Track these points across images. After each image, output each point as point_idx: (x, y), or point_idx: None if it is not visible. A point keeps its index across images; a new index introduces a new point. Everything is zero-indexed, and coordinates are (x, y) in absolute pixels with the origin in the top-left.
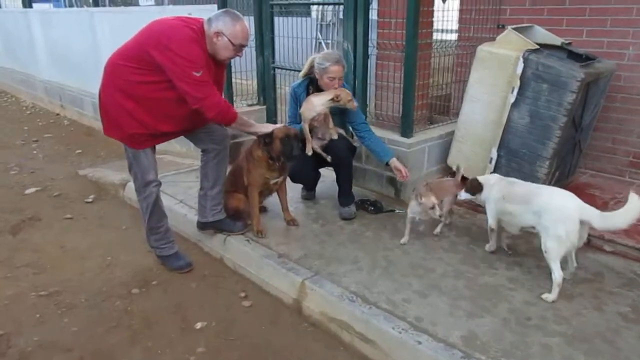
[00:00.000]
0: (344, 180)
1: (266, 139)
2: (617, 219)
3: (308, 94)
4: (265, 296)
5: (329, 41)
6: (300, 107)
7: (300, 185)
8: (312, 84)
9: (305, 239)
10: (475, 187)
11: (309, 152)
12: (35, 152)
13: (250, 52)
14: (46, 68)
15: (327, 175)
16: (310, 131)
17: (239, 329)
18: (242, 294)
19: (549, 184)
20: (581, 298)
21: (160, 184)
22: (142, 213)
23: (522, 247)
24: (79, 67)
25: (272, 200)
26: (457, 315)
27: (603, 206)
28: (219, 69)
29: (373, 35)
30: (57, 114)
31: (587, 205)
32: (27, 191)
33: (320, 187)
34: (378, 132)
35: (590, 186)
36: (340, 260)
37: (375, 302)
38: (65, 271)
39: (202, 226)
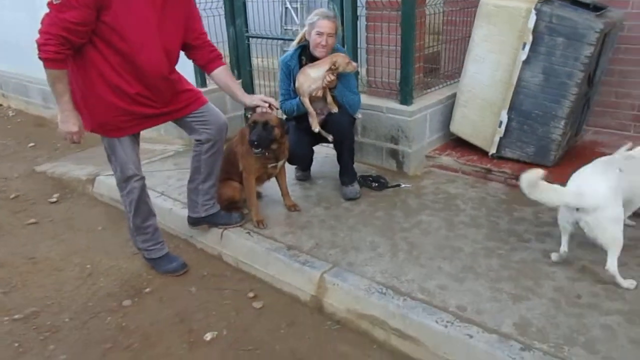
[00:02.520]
0: (347, 157)
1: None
2: None
3: (301, 65)
4: (278, 295)
5: (297, 5)
6: (294, 81)
7: (293, 167)
8: (304, 53)
9: (312, 226)
10: None
11: (316, 129)
12: None
13: (216, 20)
14: None
15: (319, 151)
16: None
17: (255, 336)
18: (251, 294)
19: (563, 145)
20: (626, 268)
21: (143, 178)
22: (125, 211)
23: (545, 216)
24: (20, 50)
25: (267, 185)
26: (502, 299)
27: None
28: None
29: None
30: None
31: None
32: None
33: (313, 165)
34: (373, 100)
35: (597, 144)
36: (356, 247)
37: (408, 293)
38: (39, 287)
39: (194, 222)
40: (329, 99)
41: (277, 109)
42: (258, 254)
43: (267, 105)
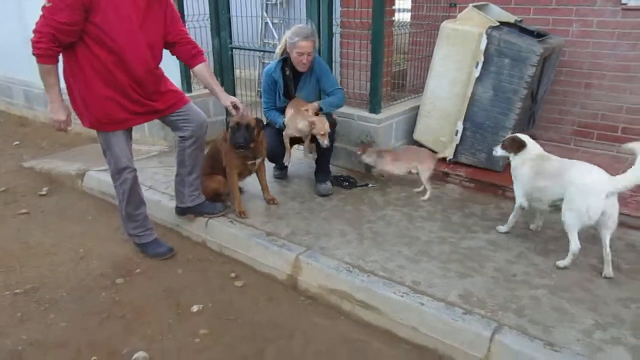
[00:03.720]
0: (326, 159)
1: (247, 131)
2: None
3: (284, 76)
4: (257, 275)
5: (276, 21)
6: (278, 92)
7: (272, 165)
8: (286, 65)
9: (289, 217)
10: (517, 146)
11: (287, 163)
12: None
13: (201, 32)
14: None
15: (295, 155)
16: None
17: (237, 309)
18: (233, 275)
19: None
20: (555, 254)
21: (135, 170)
22: (118, 200)
23: (492, 212)
24: (4, 52)
25: (247, 181)
26: (450, 276)
27: None
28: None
29: (336, 14)
30: None
31: (613, 177)
32: None
33: (289, 167)
34: (345, 109)
35: None
36: (328, 234)
37: (372, 271)
38: (36, 268)
39: (182, 211)
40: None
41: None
42: (240, 239)
43: (238, 107)
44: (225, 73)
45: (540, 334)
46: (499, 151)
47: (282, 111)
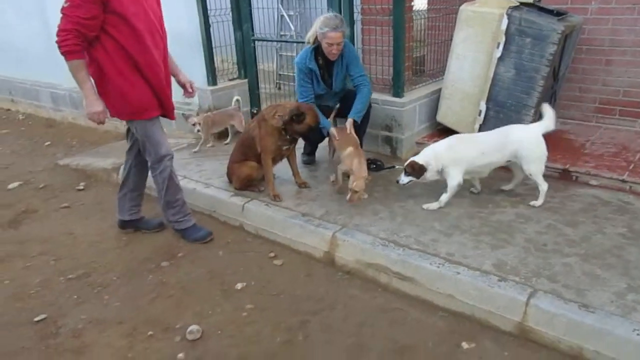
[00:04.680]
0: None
1: (298, 117)
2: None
3: (318, 64)
4: (295, 254)
5: (292, 13)
6: (315, 79)
7: (300, 152)
8: (319, 54)
9: (321, 199)
10: (419, 170)
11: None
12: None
13: (223, 26)
14: None
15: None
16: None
17: (278, 285)
18: (271, 254)
19: None
20: (584, 225)
21: (173, 156)
22: (157, 189)
23: (519, 189)
24: (29, 56)
25: (278, 167)
26: (482, 248)
27: (580, 148)
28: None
29: (357, 2)
30: (8, 109)
31: (537, 124)
32: (10, 186)
33: (317, 150)
34: None
35: (565, 132)
36: (360, 214)
37: (406, 245)
38: (84, 255)
39: (122, 224)
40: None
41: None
42: (276, 221)
43: (193, 90)
44: (248, 65)
45: (575, 297)
46: (404, 179)
47: (319, 98)
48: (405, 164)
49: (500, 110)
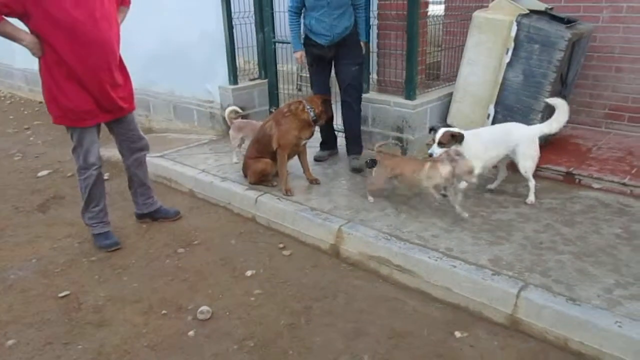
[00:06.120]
0: (354, 132)
1: (326, 103)
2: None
3: None
4: (303, 245)
5: None
6: None
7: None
8: None
9: (331, 194)
10: (455, 139)
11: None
12: (31, 138)
13: (247, 28)
14: (22, 55)
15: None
16: None
17: (286, 274)
18: (281, 245)
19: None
20: (581, 225)
21: (100, 167)
22: (80, 193)
23: (524, 190)
24: None
25: (290, 163)
26: (481, 244)
27: (587, 152)
28: None
29: (373, 7)
30: (40, 102)
31: (537, 126)
32: (40, 174)
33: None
34: (382, 96)
35: (573, 137)
36: (367, 209)
37: (408, 239)
38: None
39: (139, 217)
40: None
41: None
42: (287, 214)
43: None
44: (268, 66)
45: (564, 291)
46: (437, 150)
47: (312, 10)
48: (439, 135)
49: (508, 114)
